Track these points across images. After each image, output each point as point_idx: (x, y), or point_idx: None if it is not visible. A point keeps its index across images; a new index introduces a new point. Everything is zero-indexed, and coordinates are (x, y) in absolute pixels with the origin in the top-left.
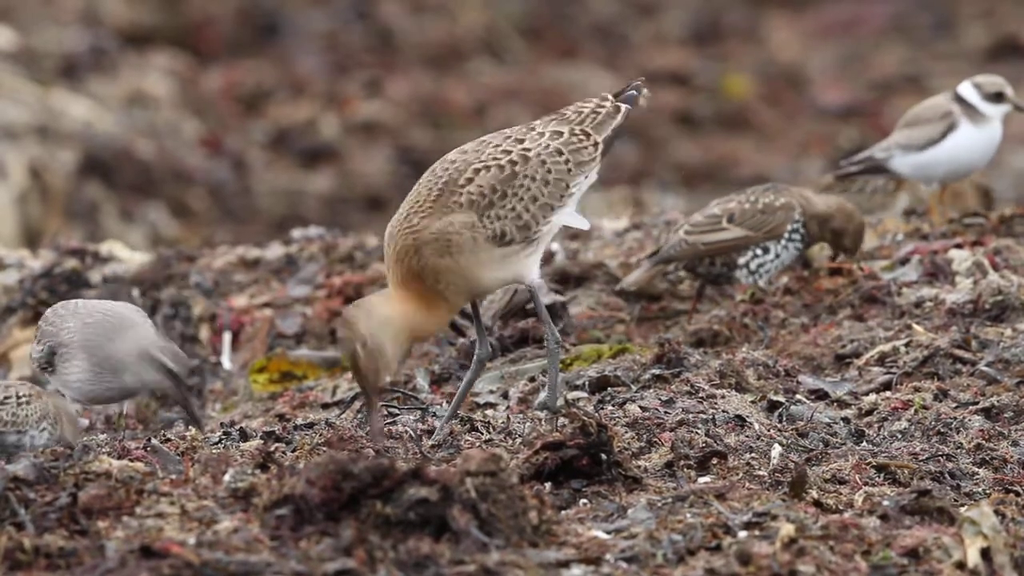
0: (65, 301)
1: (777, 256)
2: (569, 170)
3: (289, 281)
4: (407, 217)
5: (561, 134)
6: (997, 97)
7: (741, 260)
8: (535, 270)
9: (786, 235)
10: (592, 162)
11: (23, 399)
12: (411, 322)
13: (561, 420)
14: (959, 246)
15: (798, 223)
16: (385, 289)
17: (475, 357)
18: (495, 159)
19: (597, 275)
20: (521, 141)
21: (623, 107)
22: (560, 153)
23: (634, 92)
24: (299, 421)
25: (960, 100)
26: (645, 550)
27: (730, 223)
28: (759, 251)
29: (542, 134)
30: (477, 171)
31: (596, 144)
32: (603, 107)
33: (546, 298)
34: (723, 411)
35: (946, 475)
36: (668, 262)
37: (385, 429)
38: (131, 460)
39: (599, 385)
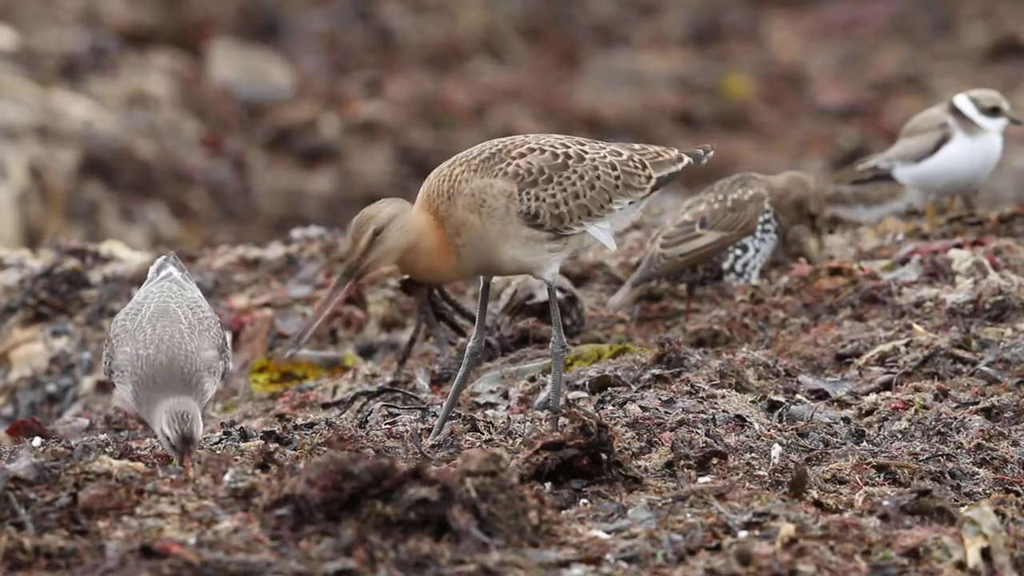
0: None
1: (757, 251)
2: (617, 186)
3: (289, 281)
4: (450, 166)
5: (621, 155)
6: (994, 111)
7: (725, 265)
8: (555, 268)
9: (759, 227)
10: (640, 191)
11: None
12: (422, 246)
13: (561, 420)
14: (959, 246)
15: (768, 212)
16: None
17: (467, 349)
18: (552, 147)
19: (597, 275)
20: (582, 144)
21: (686, 158)
22: (614, 168)
23: (700, 152)
24: (299, 421)
25: (956, 111)
26: (645, 550)
27: (703, 228)
28: (738, 251)
29: (604, 147)
30: (532, 150)
31: (649, 177)
32: (668, 153)
33: (541, 294)
34: (723, 411)
35: (946, 475)
36: (650, 279)
37: (385, 428)
38: (131, 460)
39: (599, 385)
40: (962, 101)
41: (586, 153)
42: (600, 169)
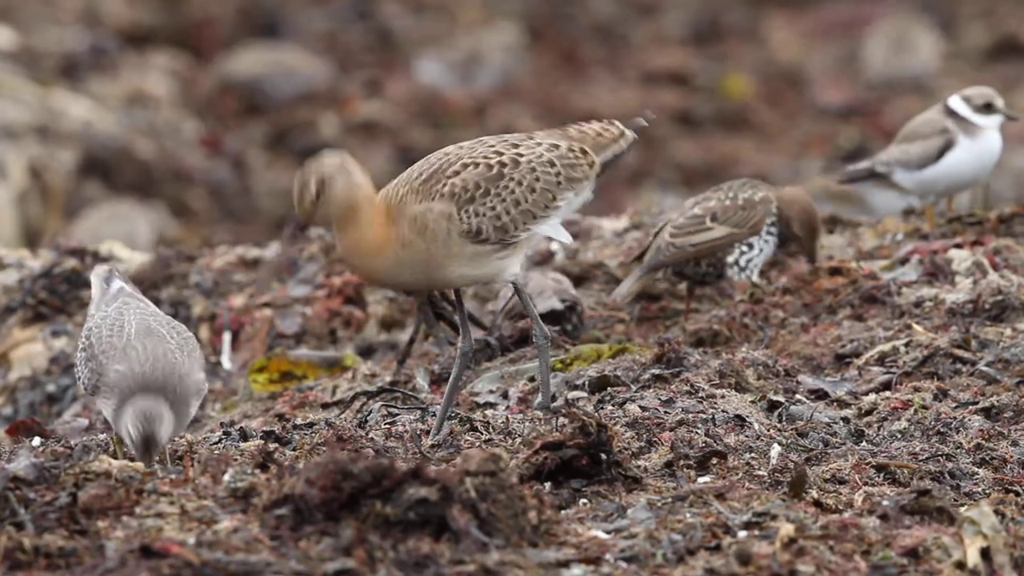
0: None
1: (760, 251)
2: (559, 183)
3: (289, 281)
4: (395, 186)
5: (558, 147)
6: (987, 108)
7: (730, 259)
8: (513, 269)
9: (765, 229)
10: (585, 180)
11: None
12: (362, 218)
13: (561, 420)
14: (959, 246)
15: (775, 215)
16: None
17: (458, 351)
18: (485, 157)
19: (597, 275)
20: (516, 146)
21: (628, 134)
22: (552, 165)
23: (642, 120)
24: (299, 421)
25: (953, 113)
26: (645, 550)
27: (714, 222)
28: (744, 247)
29: (539, 143)
30: (465, 165)
31: (592, 163)
32: (608, 131)
33: (547, 303)
34: (723, 411)
35: (946, 475)
36: (657, 268)
37: (384, 428)
38: (131, 460)
39: (599, 385)
40: (955, 102)
41: (522, 156)
42: (538, 170)
